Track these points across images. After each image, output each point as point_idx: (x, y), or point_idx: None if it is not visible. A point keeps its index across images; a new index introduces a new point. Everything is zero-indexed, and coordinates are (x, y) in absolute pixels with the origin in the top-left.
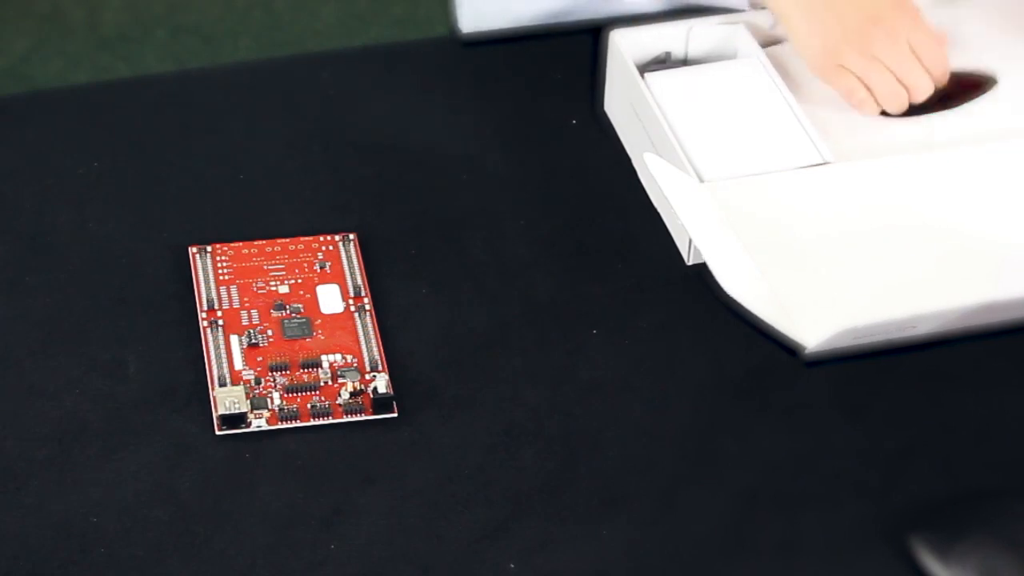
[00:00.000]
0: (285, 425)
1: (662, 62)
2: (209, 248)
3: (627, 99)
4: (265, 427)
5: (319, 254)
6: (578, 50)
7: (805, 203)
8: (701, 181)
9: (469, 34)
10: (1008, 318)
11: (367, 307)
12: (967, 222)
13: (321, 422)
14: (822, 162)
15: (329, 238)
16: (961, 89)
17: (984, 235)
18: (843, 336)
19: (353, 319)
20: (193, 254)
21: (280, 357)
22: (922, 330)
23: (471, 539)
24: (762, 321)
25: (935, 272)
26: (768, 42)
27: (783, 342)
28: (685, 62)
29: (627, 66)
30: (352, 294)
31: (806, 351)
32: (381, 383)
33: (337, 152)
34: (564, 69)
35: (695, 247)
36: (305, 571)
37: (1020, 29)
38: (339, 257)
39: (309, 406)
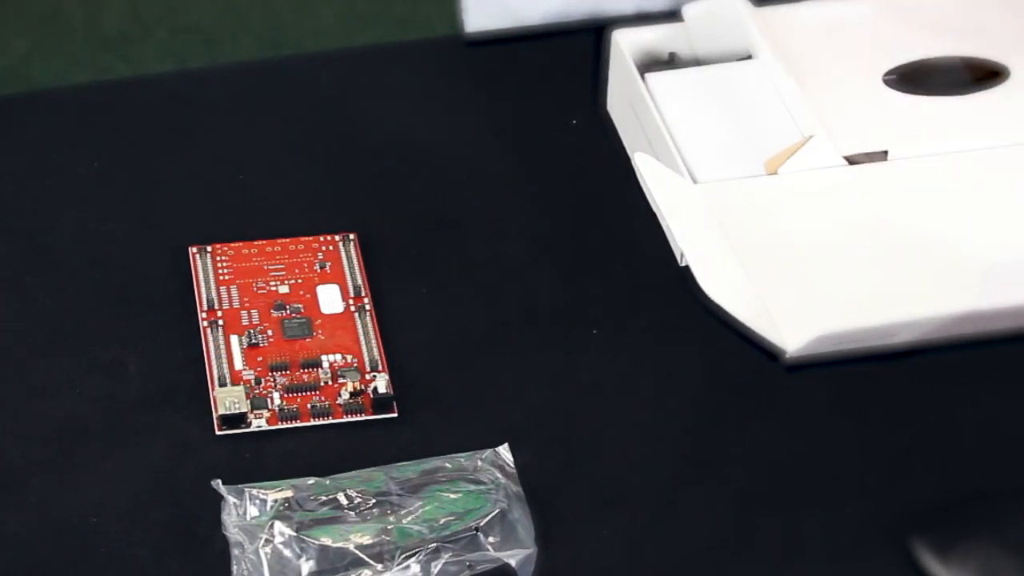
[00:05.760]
0: (285, 425)
1: (669, 63)
2: (209, 248)
3: (627, 99)
4: (265, 427)
5: (319, 254)
6: (580, 50)
7: (795, 207)
8: (695, 183)
9: (474, 33)
10: (992, 328)
11: (367, 307)
12: (957, 231)
13: (321, 422)
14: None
15: (329, 238)
16: (973, 77)
17: (973, 244)
18: (824, 342)
19: (353, 319)
20: (193, 254)
21: (280, 357)
22: (904, 338)
23: None
24: (742, 325)
25: (921, 281)
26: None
27: (763, 347)
28: (697, 62)
29: (627, 66)
30: (352, 294)
31: (786, 356)
32: (381, 383)
33: (337, 152)
34: (566, 69)
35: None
36: None
37: None
38: (339, 257)
39: (309, 406)
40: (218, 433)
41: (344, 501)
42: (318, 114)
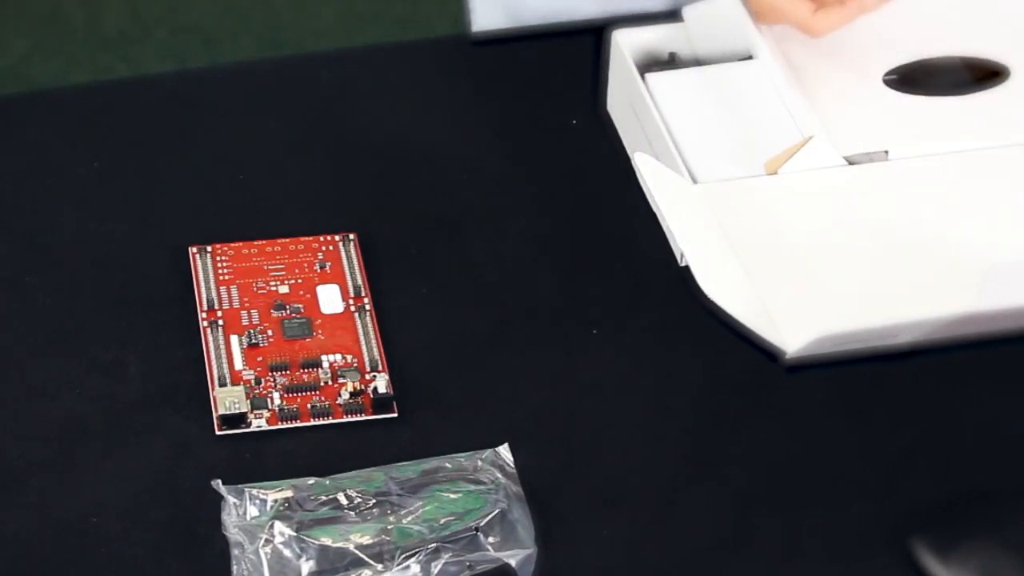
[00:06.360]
0: (285, 425)
1: (669, 63)
2: (209, 248)
3: (627, 99)
4: (265, 427)
5: (319, 254)
6: (580, 50)
7: (795, 207)
8: (695, 183)
9: (479, 33)
10: (992, 329)
11: (367, 307)
12: (957, 231)
13: (321, 422)
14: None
15: (329, 238)
16: (973, 77)
17: (973, 244)
18: (824, 342)
19: (353, 319)
20: (193, 254)
21: (280, 357)
22: (904, 339)
23: None
24: (743, 326)
25: (921, 281)
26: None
27: (764, 347)
28: (697, 63)
29: (627, 66)
30: (352, 294)
31: (787, 356)
32: (381, 383)
33: (337, 152)
34: (566, 69)
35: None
36: None
37: None
38: (339, 257)
39: (309, 406)
40: (218, 433)
41: (344, 501)
42: (318, 114)
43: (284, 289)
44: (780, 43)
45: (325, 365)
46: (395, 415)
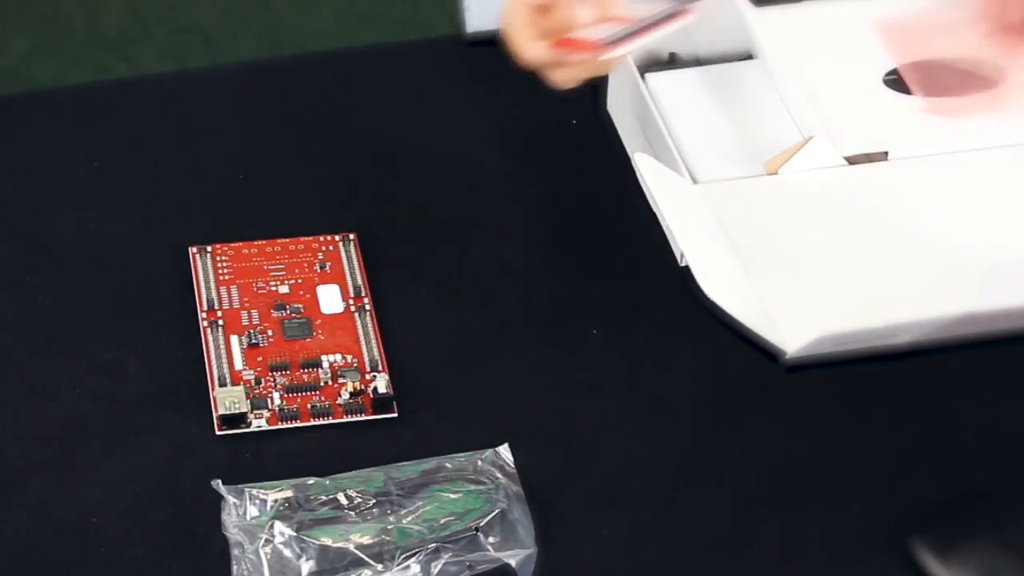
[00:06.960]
0: (285, 425)
1: (669, 63)
2: (209, 248)
3: (627, 99)
4: (265, 427)
5: (319, 254)
6: None
7: (795, 207)
8: (695, 183)
9: (474, 34)
10: (991, 329)
11: (367, 307)
12: (957, 231)
13: (321, 422)
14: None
15: (329, 238)
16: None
17: (973, 244)
18: (824, 343)
19: (353, 319)
20: (193, 254)
21: (280, 357)
22: (904, 339)
23: None
24: (742, 326)
25: (921, 281)
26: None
27: (764, 347)
28: (697, 63)
29: (627, 65)
30: (352, 294)
31: (786, 356)
32: (381, 383)
33: (337, 152)
34: None
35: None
36: None
37: None
38: (339, 257)
39: (309, 406)
40: (218, 433)
41: (344, 501)
42: (318, 114)
43: (284, 289)
44: (780, 43)
45: (325, 365)
46: (395, 415)
